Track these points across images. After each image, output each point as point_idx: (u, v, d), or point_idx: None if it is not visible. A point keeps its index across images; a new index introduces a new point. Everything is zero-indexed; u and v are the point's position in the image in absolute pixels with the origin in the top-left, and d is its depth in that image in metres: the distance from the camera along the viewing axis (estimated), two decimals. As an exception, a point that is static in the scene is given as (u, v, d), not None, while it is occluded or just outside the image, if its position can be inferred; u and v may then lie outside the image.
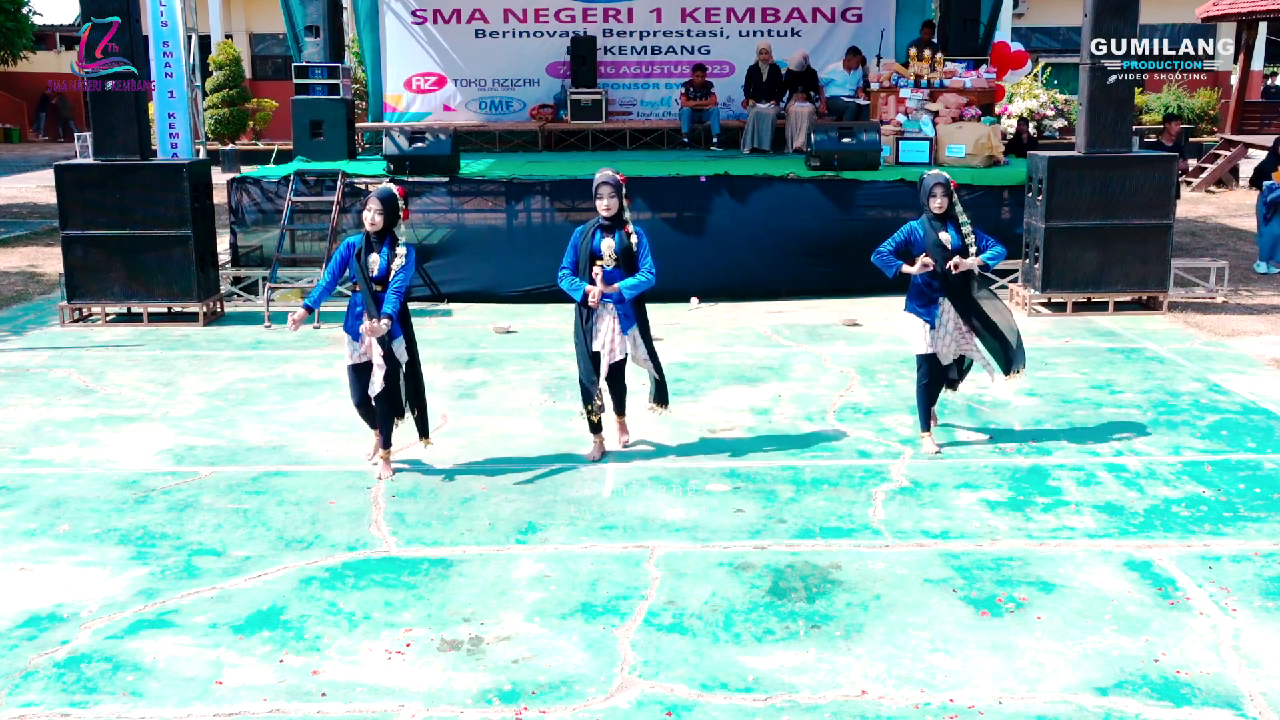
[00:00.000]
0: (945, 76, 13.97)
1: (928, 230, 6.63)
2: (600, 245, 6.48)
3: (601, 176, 6.52)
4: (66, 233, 10.61)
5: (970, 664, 4.45)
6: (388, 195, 6.34)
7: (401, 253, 6.30)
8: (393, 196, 6.36)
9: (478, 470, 6.72)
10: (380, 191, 6.37)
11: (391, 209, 6.33)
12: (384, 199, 6.31)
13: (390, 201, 6.34)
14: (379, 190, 6.38)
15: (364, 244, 6.34)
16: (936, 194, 6.59)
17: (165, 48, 13.70)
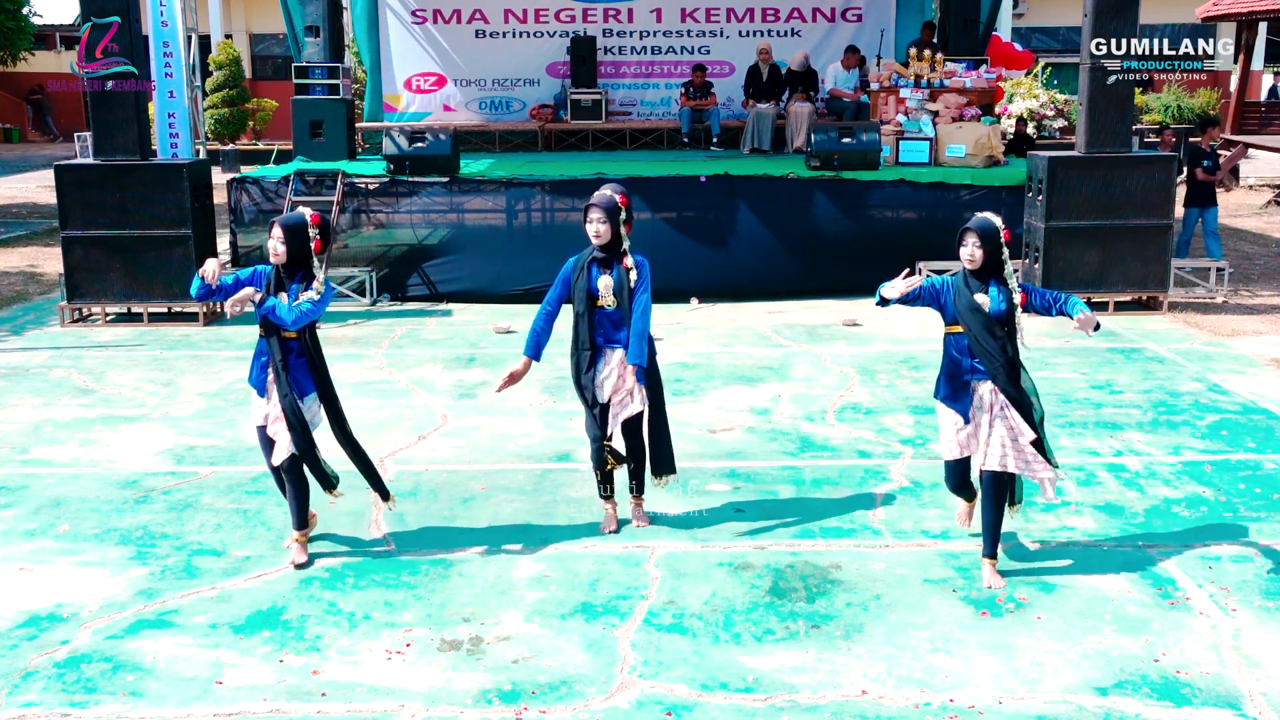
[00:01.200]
0: (945, 76, 13.98)
1: (960, 291, 5.03)
2: (598, 283, 5.44)
3: (596, 195, 5.54)
4: (66, 233, 10.61)
5: (970, 664, 4.45)
6: (293, 223, 5.19)
7: (317, 289, 5.20)
8: (299, 225, 5.18)
9: (478, 470, 6.72)
10: (286, 218, 5.25)
11: (298, 239, 5.16)
12: (288, 226, 5.16)
13: (296, 231, 5.16)
14: (286, 217, 5.26)
15: (273, 279, 5.24)
16: (967, 241, 4.99)
17: (165, 48, 13.71)
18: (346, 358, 9.42)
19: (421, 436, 7.35)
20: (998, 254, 4.99)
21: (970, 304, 4.99)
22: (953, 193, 11.92)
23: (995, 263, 4.99)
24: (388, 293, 11.83)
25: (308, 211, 5.26)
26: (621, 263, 5.44)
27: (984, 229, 4.99)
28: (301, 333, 5.26)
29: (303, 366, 5.29)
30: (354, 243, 12.01)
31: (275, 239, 5.15)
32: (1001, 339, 4.96)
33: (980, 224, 5.01)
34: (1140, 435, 7.20)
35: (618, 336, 5.47)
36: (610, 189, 5.53)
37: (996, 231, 4.98)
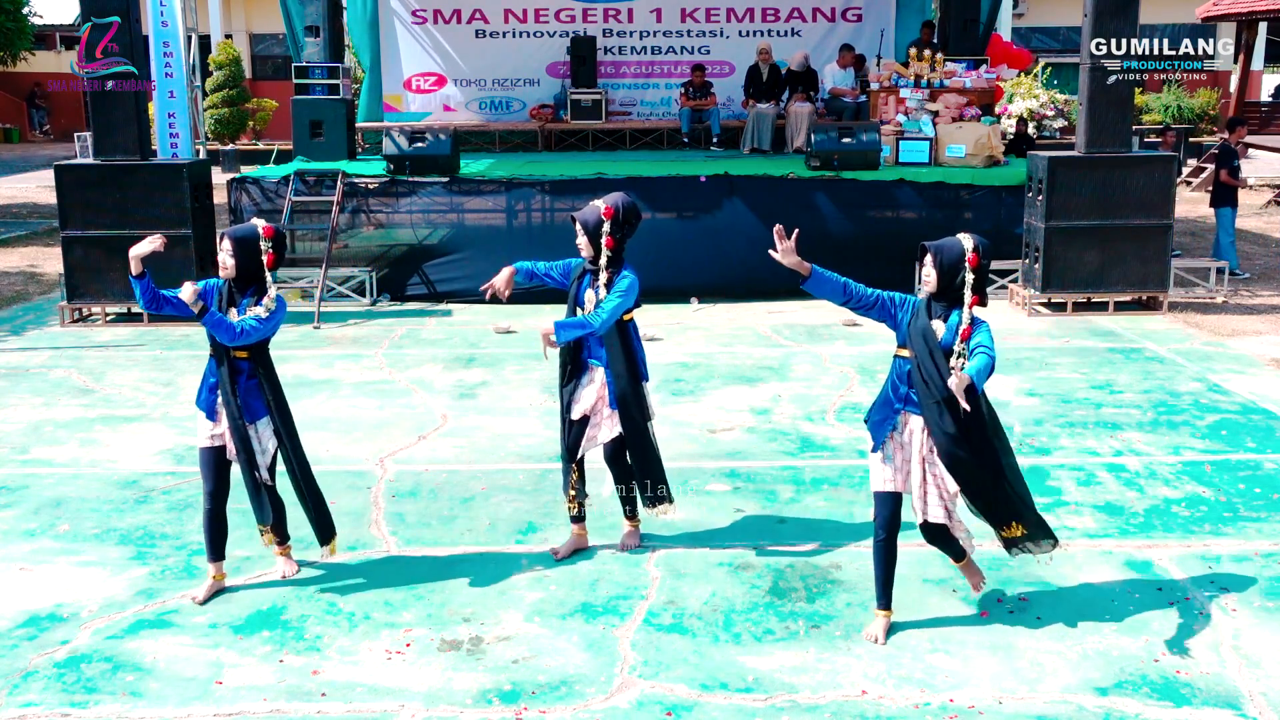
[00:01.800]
0: (945, 76, 13.98)
1: (919, 313, 4.57)
2: (584, 295, 5.25)
3: (586, 207, 5.33)
4: (66, 233, 10.61)
5: (970, 664, 4.44)
6: (242, 235, 4.90)
7: (267, 305, 4.89)
8: (250, 237, 4.89)
9: (478, 470, 6.72)
10: (235, 229, 4.96)
11: (248, 252, 4.87)
12: (237, 239, 4.88)
13: (246, 243, 4.88)
14: (235, 229, 4.97)
15: (225, 293, 4.96)
16: (924, 260, 4.53)
17: (165, 48, 13.70)
18: (346, 358, 9.43)
19: (421, 436, 7.35)
20: (955, 279, 4.46)
21: (923, 328, 4.52)
22: (953, 193, 11.92)
23: (955, 289, 4.47)
24: (388, 293, 11.83)
25: (260, 223, 4.98)
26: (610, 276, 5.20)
27: (942, 249, 4.49)
28: (252, 352, 4.93)
29: (254, 389, 4.95)
30: (354, 243, 12.00)
31: (224, 252, 4.87)
32: (948, 373, 4.39)
33: (941, 243, 4.52)
34: (1140, 435, 7.20)
35: (600, 353, 5.25)
36: (604, 200, 5.28)
37: (959, 255, 4.45)
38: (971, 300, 4.46)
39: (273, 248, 4.91)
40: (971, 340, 4.42)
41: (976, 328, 4.46)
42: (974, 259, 4.44)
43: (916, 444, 4.56)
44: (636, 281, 5.24)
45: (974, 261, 4.44)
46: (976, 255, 4.46)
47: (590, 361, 5.30)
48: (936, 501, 4.59)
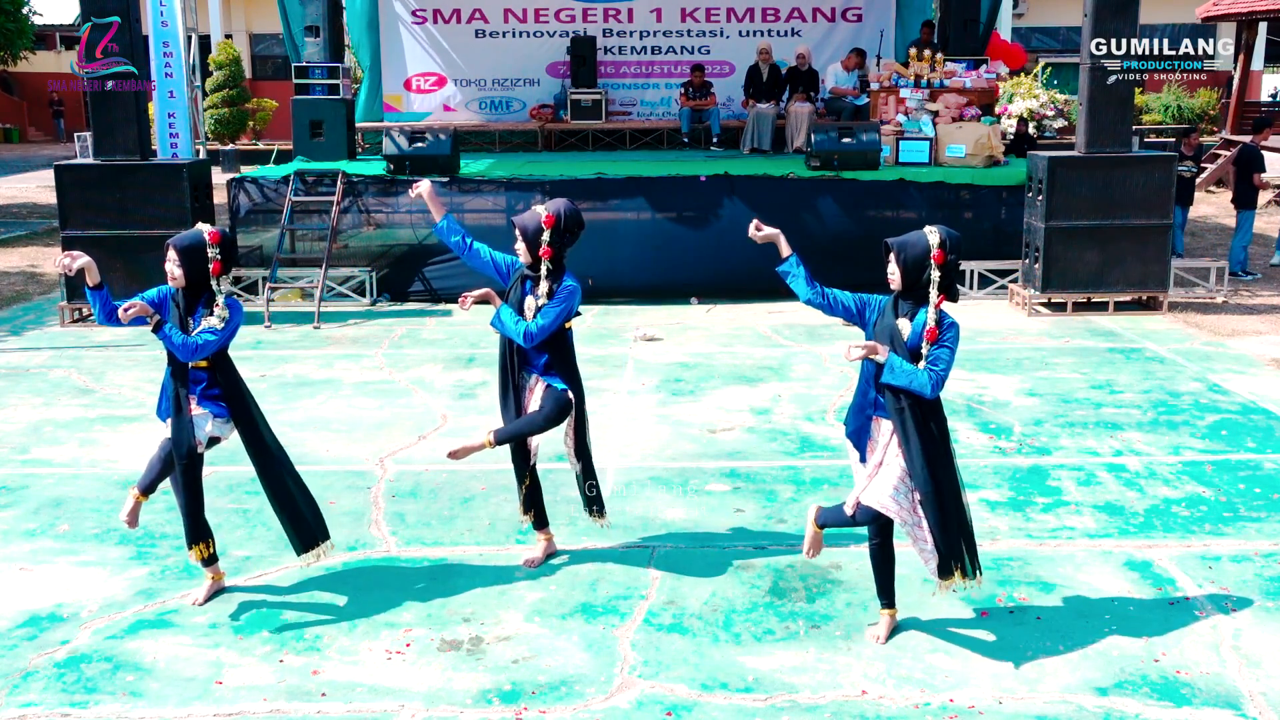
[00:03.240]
0: (945, 76, 13.98)
1: (885, 312, 4.45)
2: (525, 301, 5.07)
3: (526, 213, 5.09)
4: (66, 233, 10.61)
5: (970, 664, 4.44)
6: (187, 244, 4.70)
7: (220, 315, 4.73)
8: (195, 245, 4.69)
9: (478, 470, 6.72)
10: (180, 237, 4.75)
11: (194, 261, 4.68)
12: (182, 248, 4.68)
13: (191, 252, 4.68)
14: (180, 237, 4.76)
15: (174, 302, 4.78)
16: (888, 257, 4.39)
17: (165, 48, 13.72)
18: (346, 358, 9.43)
19: (421, 436, 7.35)
20: (921, 275, 4.29)
21: (889, 328, 4.36)
22: (953, 193, 11.92)
23: (921, 286, 4.31)
24: (387, 293, 11.83)
25: (205, 228, 4.77)
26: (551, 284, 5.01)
27: (905, 246, 4.31)
28: (211, 364, 4.80)
29: (215, 402, 4.86)
30: (354, 243, 12.01)
31: (170, 261, 4.69)
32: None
33: (905, 239, 4.34)
34: (1140, 435, 7.20)
35: (538, 362, 5.10)
36: (546, 206, 5.04)
37: (924, 251, 4.26)
38: (938, 299, 4.31)
39: (220, 254, 4.70)
40: (933, 349, 4.27)
41: (944, 330, 4.30)
42: (940, 255, 4.26)
43: (886, 443, 4.46)
44: (577, 290, 5.08)
45: (940, 258, 4.26)
46: (943, 251, 4.26)
47: (526, 372, 5.16)
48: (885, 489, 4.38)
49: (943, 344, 4.29)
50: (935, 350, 4.28)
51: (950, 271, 4.30)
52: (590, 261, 11.51)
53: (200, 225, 4.84)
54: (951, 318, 4.36)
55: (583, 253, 11.61)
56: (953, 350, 4.30)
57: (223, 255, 4.73)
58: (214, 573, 5.11)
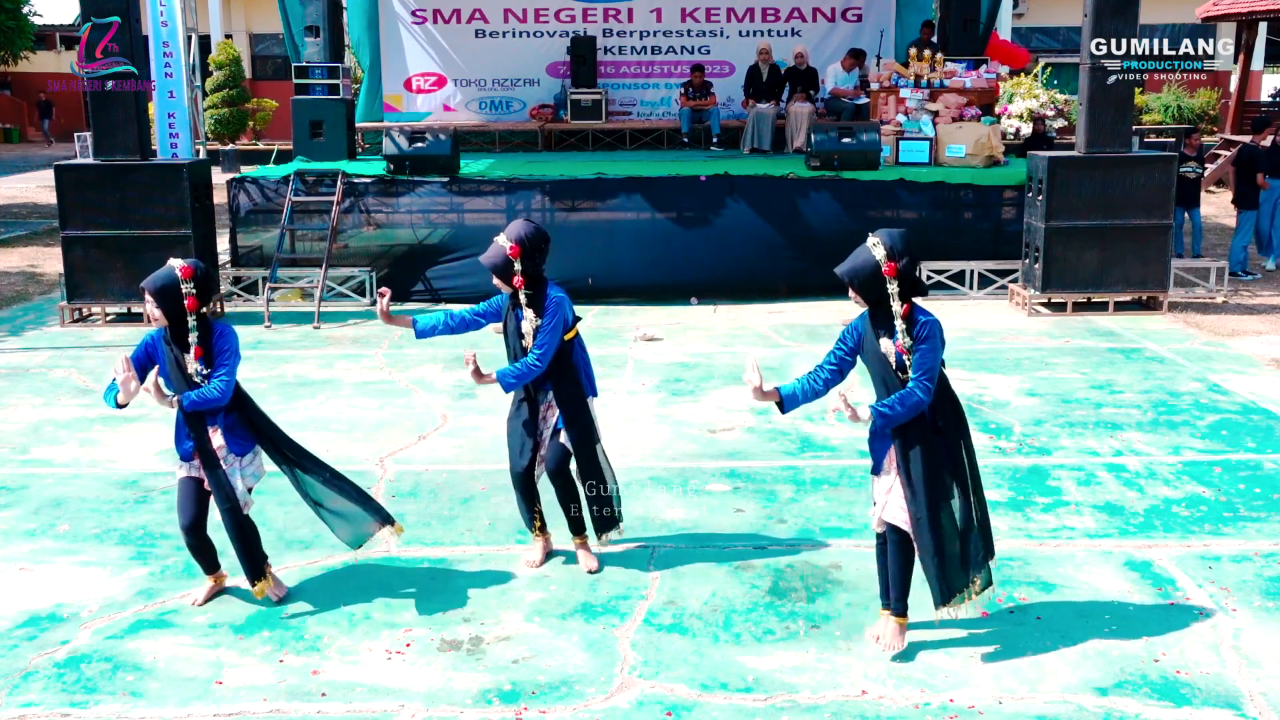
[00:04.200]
0: (945, 76, 13.98)
1: (866, 333, 4.37)
2: (521, 325, 5.08)
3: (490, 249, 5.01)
4: (66, 233, 10.61)
5: (970, 664, 4.44)
6: (160, 285, 4.66)
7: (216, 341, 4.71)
8: (168, 286, 4.65)
9: (478, 470, 6.72)
10: (153, 280, 4.70)
11: (171, 300, 4.65)
12: (155, 291, 4.66)
13: (167, 293, 4.65)
14: (152, 276, 4.73)
15: (166, 342, 4.77)
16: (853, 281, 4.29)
17: (165, 48, 13.69)
18: (346, 358, 9.43)
19: (421, 436, 7.35)
20: (881, 293, 4.20)
21: (875, 352, 4.31)
22: (953, 193, 11.92)
23: (886, 301, 4.23)
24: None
25: (178, 264, 4.70)
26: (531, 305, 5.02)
27: (854, 272, 4.22)
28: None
29: (237, 425, 4.85)
30: (354, 243, 12.01)
31: (149, 304, 4.68)
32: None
33: (852, 265, 4.24)
34: (1140, 435, 7.20)
35: (546, 383, 5.13)
36: (505, 237, 4.98)
37: (873, 269, 4.18)
38: (902, 309, 4.21)
39: (194, 288, 4.65)
40: (913, 357, 4.21)
41: (919, 332, 4.21)
42: (890, 267, 4.16)
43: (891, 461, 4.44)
44: (565, 300, 5.08)
45: (891, 270, 4.16)
46: (892, 263, 4.16)
47: (538, 393, 5.17)
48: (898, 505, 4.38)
49: (919, 348, 4.23)
50: (914, 358, 4.23)
51: (906, 277, 4.22)
52: (590, 261, 11.54)
53: (172, 261, 4.77)
54: (926, 315, 4.28)
55: (583, 253, 11.74)
56: (932, 347, 4.23)
57: (197, 289, 4.67)
58: (217, 577, 5.10)
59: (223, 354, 4.71)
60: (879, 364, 4.32)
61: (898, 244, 4.22)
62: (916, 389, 4.21)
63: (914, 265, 4.26)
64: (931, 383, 4.23)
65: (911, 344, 4.23)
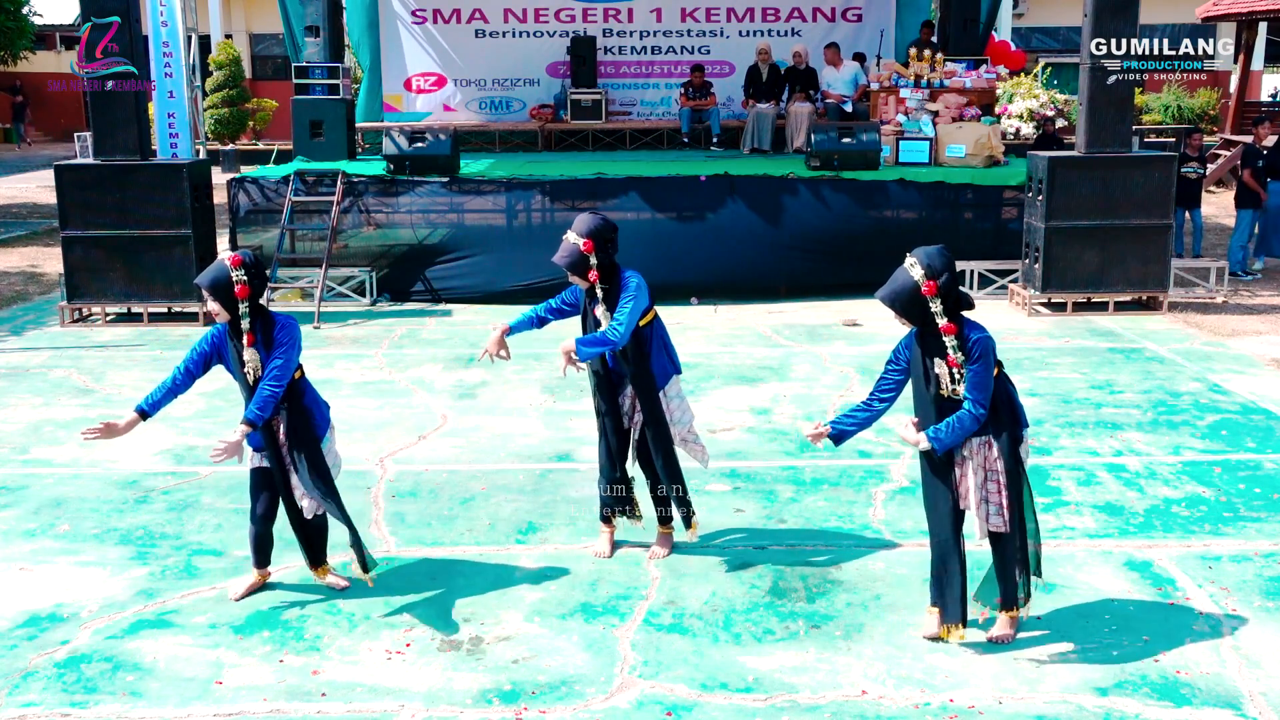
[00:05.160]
0: (945, 76, 13.98)
1: (914, 351, 4.39)
2: (597, 313, 5.17)
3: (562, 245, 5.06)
4: (66, 233, 10.61)
5: (970, 664, 4.44)
6: (213, 281, 4.65)
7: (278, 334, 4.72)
8: (221, 280, 4.64)
9: (478, 470, 6.72)
10: (206, 276, 4.69)
11: (226, 293, 4.64)
12: (209, 287, 4.65)
13: (222, 289, 4.64)
14: (204, 275, 4.72)
15: (230, 337, 4.76)
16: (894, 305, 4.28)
17: (165, 48, 13.71)
18: (346, 358, 9.43)
19: (421, 436, 7.35)
20: (925, 313, 4.18)
21: (925, 370, 4.30)
22: (953, 193, 11.92)
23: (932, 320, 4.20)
24: (388, 293, 11.83)
25: (227, 256, 4.70)
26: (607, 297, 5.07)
27: (895, 296, 4.20)
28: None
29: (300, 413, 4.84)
30: (354, 243, 12.00)
31: (209, 301, 4.69)
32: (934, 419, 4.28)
33: (892, 288, 4.21)
34: (1140, 435, 7.20)
35: (622, 367, 5.21)
36: (576, 233, 5.04)
37: (913, 290, 4.15)
38: (944, 329, 4.20)
39: (244, 276, 4.64)
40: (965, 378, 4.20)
41: (970, 349, 4.19)
42: (930, 286, 4.13)
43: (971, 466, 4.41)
44: (642, 283, 5.14)
45: (931, 289, 4.13)
46: (932, 282, 4.13)
47: (617, 372, 5.24)
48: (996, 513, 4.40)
49: (970, 367, 4.20)
50: (967, 377, 4.21)
51: (948, 293, 4.18)
52: (590, 261, 11.54)
53: (221, 254, 4.78)
54: (978, 331, 4.26)
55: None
56: (985, 365, 4.20)
57: (248, 277, 4.66)
58: (264, 574, 5.13)
59: (280, 345, 4.69)
60: (929, 384, 4.31)
61: (935, 262, 4.18)
62: (970, 409, 4.21)
63: (955, 281, 4.22)
64: (986, 403, 4.22)
65: (964, 360, 4.22)
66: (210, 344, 4.78)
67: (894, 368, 4.44)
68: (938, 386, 4.31)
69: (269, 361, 4.68)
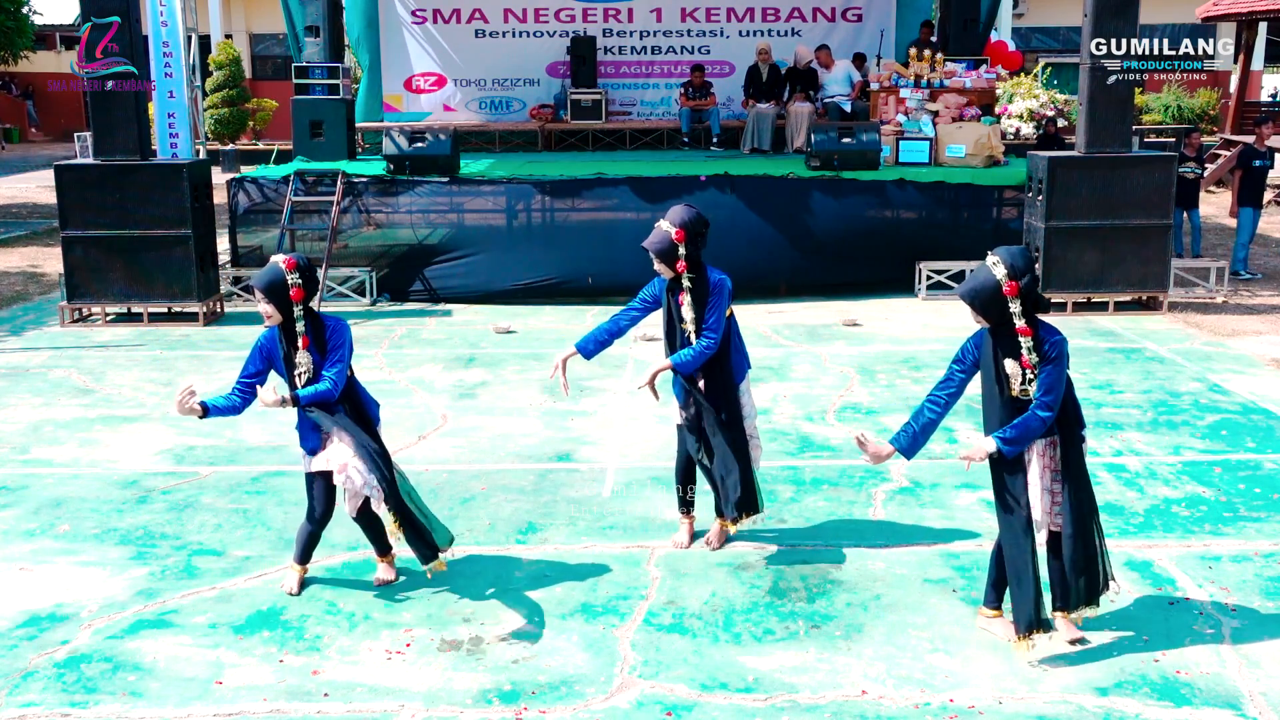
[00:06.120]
0: (945, 76, 13.98)
1: (986, 352, 4.33)
2: (681, 310, 5.24)
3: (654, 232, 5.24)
4: (66, 233, 10.61)
5: (970, 664, 4.44)
6: (269, 282, 4.70)
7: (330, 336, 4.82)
8: (277, 282, 4.69)
9: (478, 470, 6.72)
10: (259, 277, 4.75)
11: (281, 295, 4.70)
12: (265, 288, 4.70)
13: (277, 289, 4.69)
14: (259, 274, 4.76)
15: (280, 341, 4.85)
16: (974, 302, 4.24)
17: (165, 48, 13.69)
18: (346, 358, 9.42)
19: (421, 436, 7.35)
20: (1003, 313, 4.16)
21: (996, 370, 4.26)
22: (953, 193, 11.92)
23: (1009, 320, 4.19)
24: (388, 293, 11.83)
25: (280, 259, 4.76)
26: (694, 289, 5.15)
27: (976, 294, 4.18)
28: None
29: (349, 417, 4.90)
30: (354, 243, 12.01)
31: (261, 303, 4.74)
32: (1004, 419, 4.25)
33: (972, 285, 4.19)
34: (1140, 435, 7.20)
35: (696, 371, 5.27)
36: (668, 222, 5.19)
37: (994, 289, 4.14)
38: (1020, 331, 4.17)
39: (300, 280, 4.71)
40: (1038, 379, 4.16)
41: (1047, 352, 4.16)
42: (1012, 287, 4.11)
43: (1037, 467, 4.37)
44: (725, 280, 5.22)
45: (1013, 289, 4.11)
46: (1014, 283, 4.11)
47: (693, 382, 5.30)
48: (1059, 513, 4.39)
49: (1044, 368, 4.17)
50: (1040, 378, 4.18)
51: (1029, 296, 4.16)
52: (590, 261, 11.55)
53: (275, 258, 4.83)
54: (1054, 334, 4.24)
55: (583, 252, 11.73)
56: (1060, 368, 4.17)
57: (303, 280, 4.73)
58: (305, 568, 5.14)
59: (337, 349, 4.80)
60: (999, 384, 4.28)
61: (1019, 262, 4.16)
62: (1038, 411, 4.17)
63: (1036, 283, 4.21)
64: (1055, 405, 4.18)
65: (1038, 362, 4.19)
66: (261, 355, 4.85)
67: (959, 366, 4.40)
68: (1009, 386, 4.27)
69: (325, 366, 4.79)
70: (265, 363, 4.86)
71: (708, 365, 5.22)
